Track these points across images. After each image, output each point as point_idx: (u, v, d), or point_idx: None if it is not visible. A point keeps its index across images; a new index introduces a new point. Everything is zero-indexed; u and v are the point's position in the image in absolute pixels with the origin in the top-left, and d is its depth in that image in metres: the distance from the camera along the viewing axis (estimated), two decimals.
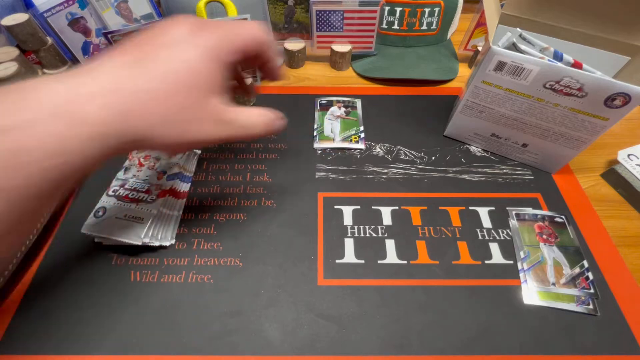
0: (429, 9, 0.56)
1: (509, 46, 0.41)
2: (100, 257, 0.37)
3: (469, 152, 0.47)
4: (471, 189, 0.43)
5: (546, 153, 0.43)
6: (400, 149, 0.47)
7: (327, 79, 0.58)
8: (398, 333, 0.32)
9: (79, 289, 0.35)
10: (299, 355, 0.31)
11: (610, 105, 0.35)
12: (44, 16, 0.46)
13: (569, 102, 0.36)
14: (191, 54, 0.22)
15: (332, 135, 0.48)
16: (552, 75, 0.35)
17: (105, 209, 0.37)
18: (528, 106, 0.39)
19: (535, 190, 0.43)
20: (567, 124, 0.38)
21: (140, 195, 0.38)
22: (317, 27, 0.55)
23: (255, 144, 0.48)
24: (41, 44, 0.50)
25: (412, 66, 0.56)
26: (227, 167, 0.45)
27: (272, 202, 0.41)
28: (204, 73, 0.22)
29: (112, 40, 0.43)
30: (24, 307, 0.33)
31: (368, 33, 0.55)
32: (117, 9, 0.52)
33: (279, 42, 0.58)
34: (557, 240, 0.38)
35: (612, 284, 0.35)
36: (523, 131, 0.42)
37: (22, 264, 0.35)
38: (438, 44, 0.61)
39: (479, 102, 0.42)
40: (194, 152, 0.45)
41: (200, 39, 0.22)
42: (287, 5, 0.53)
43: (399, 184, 0.43)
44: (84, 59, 0.53)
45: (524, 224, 0.39)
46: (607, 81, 0.33)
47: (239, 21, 0.26)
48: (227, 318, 0.33)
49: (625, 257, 0.37)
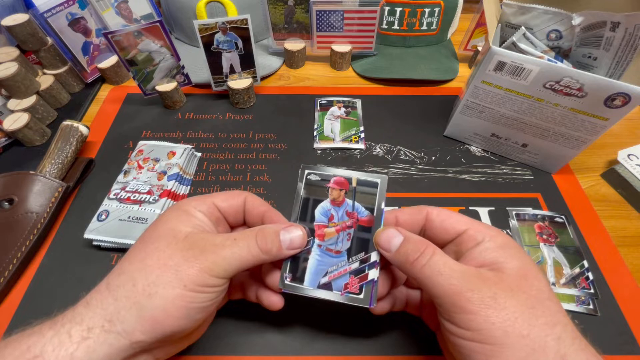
0: (429, 9, 0.56)
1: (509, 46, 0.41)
2: (100, 257, 0.37)
3: (469, 152, 0.47)
4: (471, 189, 0.43)
5: (546, 153, 0.43)
6: (400, 149, 0.47)
7: (327, 79, 0.58)
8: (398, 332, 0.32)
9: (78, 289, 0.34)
10: (299, 355, 0.31)
11: (610, 105, 0.35)
12: (44, 16, 0.46)
13: (568, 102, 0.36)
14: (156, 223, 0.25)
15: (332, 135, 0.48)
16: (552, 75, 0.35)
17: (108, 212, 0.37)
18: (528, 106, 0.39)
19: (535, 190, 0.43)
20: (567, 124, 0.38)
21: (142, 196, 0.38)
22: (317, 27, 0.55)
23: (255, 144, 0.48)
24: (41, 44, 0.50)
25: (412, 66, 0.56)
26: (227, 167, 0.45)
27: (272, 202, 0.41)
28: (165, 228, 0.24)
29: (112, 41, 0.43)
30: (24, 307, 0.33)
31: (368, 33, 0.55)
32: (117, 9, 0.52)
33: (279, 42, 0.58)
34: (557, 240, 0.38)
35: (612, 284, 0.35)
36: (523, 131, 0.42)
37: (22, 264, 0.35)
38: (438, 44, 0.61)
39: (479, 102, 0.42)
40: (194, 154, 0.45)
41: (166, 212, 0.25)
42: (287, 6, 0.53)
43: (399, 184, 0.43)
44: (84, 59, 0.53)
45: (524, 224, 0.39)
46: (607, 81, 0.33)
47: (221, 192, 0.27)
48: (227, 318, 0.33)
49: (625, 257, 0.37)
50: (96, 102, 0.54)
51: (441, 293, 0.21)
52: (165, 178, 0.40)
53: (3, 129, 0.44)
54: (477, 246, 0.23)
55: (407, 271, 0.23)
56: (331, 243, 0.26)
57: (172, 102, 0.52)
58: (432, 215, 0.26)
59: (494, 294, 0.20)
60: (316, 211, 0.27)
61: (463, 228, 0.24)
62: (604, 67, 0.41)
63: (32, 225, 0.36)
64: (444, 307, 0.21)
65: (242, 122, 0.51)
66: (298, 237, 0.25)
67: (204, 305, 0.23)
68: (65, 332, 0.20)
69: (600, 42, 0.40)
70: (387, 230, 0.25)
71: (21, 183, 0.38)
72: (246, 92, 0.51)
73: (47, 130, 0.48)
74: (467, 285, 0.21)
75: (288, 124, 0.50)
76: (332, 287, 0.25)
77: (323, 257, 0.25)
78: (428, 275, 0.22)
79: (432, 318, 0.28)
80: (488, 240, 0.23)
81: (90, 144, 0.47)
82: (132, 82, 0.56)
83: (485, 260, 0.23)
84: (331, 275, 0.25)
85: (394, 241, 0.24)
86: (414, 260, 0.23)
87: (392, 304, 0.28)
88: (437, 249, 0.23)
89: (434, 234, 0.26)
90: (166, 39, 0.46)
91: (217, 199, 0.26)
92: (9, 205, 0.37)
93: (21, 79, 0.46)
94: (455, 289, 0.21)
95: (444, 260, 0.22)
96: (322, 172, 0.27)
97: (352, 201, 0.27)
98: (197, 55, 0.54)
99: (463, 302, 0.20)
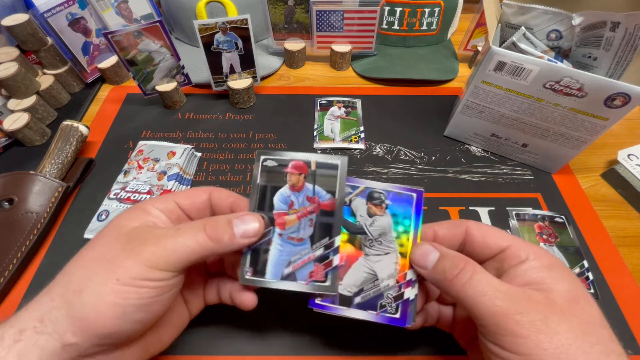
0: (429, 9, 0.56)
1: (509, 46, 0.41)
2: None
3: (469, 152, 0.47)
4: (471, 189, 0.43)
5: (546, 153, 0.43)
6: (400, 149, 0.47)
7: (327, 79, 0.58)
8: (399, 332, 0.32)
9: None
10: (299, 355, 0.31)
11: (610, 105, 0.35)
12: (44, 16, 0.46)
13: (568, 102, 0.36)
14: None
15: (332, 135, 0.48)
16: (552, 75, 0.35)
17: (108, 212, 0.37)
18: (528, 106, 0.39)
19: (535, 190, 0.43)
20: (567, 124, 0.38)
21: (142, 196, 0.38)
22: (317, 27, 0.55)
23: (255, 144, 0.48)
24: (41, 44, 0.50)
25: (412, 66, 0.56)
26: (227, 167, 0.45)
27: None
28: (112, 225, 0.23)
29: (112, 41, 0.43)
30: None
31: (368, 33, 0.55)
32: (117, 9, 0.52)
33: (279, 42, 0.58)
34: (557, 241, 0.38)
35: (612, 284, 0.35)
36: (523, 131, 0.42)
37: (22, 265, 0.35)
38: (438, 44, 0.61)
39: (479, 102, 0.42)
40: (194, 154, 0.45)
41: None
42: (287, 6, 0.53)
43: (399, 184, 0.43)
44: (84, 59, 0.53)
45: (524, 224, 0.39)
46: (607, 81, 0.33)
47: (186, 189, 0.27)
48: (228, 318, 0.33)
49: (625, 257, 0.37)
50: (96, 102, 0.54)
51: (485, 314, 0.20)
52: (165, 178, 0.40)
53: (3, 129, 0.44)
54: (522, 264, 0.22)
55: (445, 289, 0.22)
56: (293, 231, 0.24)
57: (172, 102, 0.52)
58: (472, 230, 0.25)
59: (544, 317, 0.19)
60: (275, 198, 0.25)
61: (505, 244, 0.23)
62: (604, 67, 0.41)
63: (32, 225, 0.36)
64: (488, 329, 0.20)
65: (242, 122, 0.51)
66: (254, 224, 0.23)
67: (143, 303, 0.20)
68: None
69: (600, 42, 0.40)
70: (422, 246, 0.24)
71: (21, 183, 0.38)
72: (246, 92, 0.51)
73: (47, 130, 0.48)
74: (515, 307, 0.20)
75: (288, 124, 0.50)
76: (297, 277, 0.24)
77: (285, 247, 0.24)
78: (470, 295, 0.21)
79: (464, 335, 0.27)
80: (533, 258, 0.22)
81: (90, 144, 0.47)
82: (132, 82, 0.56)
83: (531, 279, 0.21)
84: (295, 265, 0.24)
85: (430, 257, 0.23)
86: (453, 278, 0.22)
87: (424, 319, 0.28)
88: (477, 266, 0.22)
89: (474, 250, 0.25)
90: (166, 39, 0.46)
91: (180, 197, 0.25)
92: (9, 205, 0.37)
93: (21, 79, 0.46)
94: (501, 310, 0.20)
95: (487, 279, 0.21)
96: (278, 157, 0.25)
97: (312, 185, 0.25)
98: (197, 55, 0.54)
99: (511, 325, 0.19)
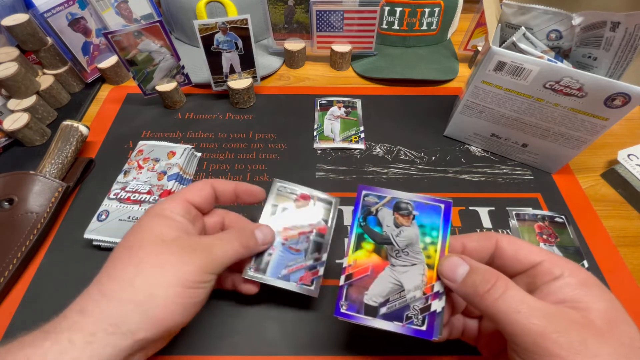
0: (429, 9, 0.56)
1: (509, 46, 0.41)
2: (100, 257, 0.37)
3: (469, 152, 0.47)
4: (471, 189, 0.43)
5: (546, 153, 0.43)
6: (400, 149, 0.47)
7: (327, 79, 0.58)
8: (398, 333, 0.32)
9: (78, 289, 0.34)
10: (299, 355, 0.31)
11: (610, 105, 0.35)
12: (44, 16, 0.46)
13: (568, 102, 0.36)
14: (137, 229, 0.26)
15: (332, 135, 0.48)
16: (552, 75, 0.35)
17: (108, 212, 0.37)
18: (528, 106, 0.39)
19: (535, 190, 0.43)
20: (567, 124, 0.38)
21: (142, 196, 0.38)
22: (317, 27, 0.55)
23: (255, 144, 0.48)
24: (41, 44, 0.50)
25: (412, 66, 0.56)
26: (227, 167, 0.45)
27: None
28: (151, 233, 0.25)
29: (112, 41, 0.43)
30: (24, 307, 0.33)
31: (368, 33, 0.55)
32: (117, 9, 0.52)
33: (279, 42, 0.58)
34: (557, 241, 0.38)
35: (612, 284, 0.35)
36: (523, 131, 0.42)
37: (22, 265, 0.35)
38: (438, 44, 0.61)
39: (479, 102, 0.42)
40: (194, 154, 0.45)
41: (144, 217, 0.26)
42: (287, 6, 0.53)
43: (399, 184, 0.43)
44: (84, 59, 0.53)
45: (524, 224, 0.39)
46: (607, 81, 0.33)
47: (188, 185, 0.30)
48: (228, 318, 0.33)
49: (625, 257, 0.37)
50: (96, 102, 0.54)
51: (519, 332, 0.19)
52: (165, 178, 0.40)
53: (3, 129, 0.44)
54: (556, 281, 0.21)
55: (475, 304, 0.22)
56: (293, 243, 0.31)
57: (172, 102, 0.52)
58: (502, 244, 0.24)
59: (583, 338, 0.19)
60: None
61: (538, 260, 0.23)
62: (604, 67, 0.41)
63: (32, 225, 0.36)
64: (522, 347, 0.20)
65: (242, 122, 0.51)
66: (269, 234, 0.30)
67: (197, 301, 0.25)
68: (65, 339, 0.20)
69: (600, 42, 0.40)
70: (450, 258, 0.24)
71: (21, 183, 0.38)
72: (246, 92, 0.51)
73: (47, 130, 0.48)
74: (552, 326, 0.19)
75: (288, 124, 0.50)
76: (290, 278, 0.29)
77: (285, 254, 0.30)
78: (503, 312, 0.20)
79: (489, 349, 0.27)
80: (568, 275, 0.21)
81: (90, 144, 0.47)
82: (132, 82, 0.56)
83: (566, 297, 0.21)
84: (290, 268, 0.30)
85: (460, 271, 0.23)
86: (485, 293, 0.21)
87: (449, 332, 0.27)
88: (510, 282, 0.21)
89: (504, 264, 0.24)
90: (166, 39, 0.46)
91: (190, 195, 0.28)
92: (9, 205, 0.37)
93: (21, 79, 0.46)
94: (537, 329, 0.19)
95: (521, 296, 0.20)
96: (289, 185, 0.34)
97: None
98: (197, 55, 0.54)
99: (549, 345, 0.19)
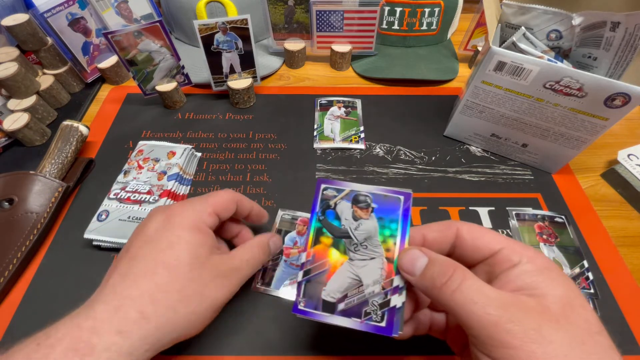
0: (429, 9, 0.56)
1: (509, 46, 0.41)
2: (100, 257, 0.37)
3: (469, 152, 0.47)
4: (471, 189, 0.43)
5: (546, 153, 0.43)
6: (400, 149, 0.47)
7: (327, 79, 0.58)
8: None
9: (78, 289, 0.35)
10: (299, 355, 0.31)
11: (610, 105, 0.35)
12: (44, 16, 0.46)
13: (568, 102, 0.36)
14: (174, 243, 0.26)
15: (332, 135, 0.48)
16: (552, 75, 0.35)
17: (108, 212, 0.37)
18: (528, 106, 0.39)
19: (535, 190, 0.43)
20: (567, 124, 0.38)
21: (142, 196, 0.38)
22: (317, 27, 0.55)
23: (255, 144, 0.48)
24: (41, 44, 0.50)
25: (412, 66, 0.56)
26: (227, 167, 0.45)
27: (272, 202, 0.41)
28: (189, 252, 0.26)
29: (112, 41, 0.43)
30: (24, 307, 0.33)
31: (368, 33, 0.55)
32: (117, 9, 0.52)
33: (279, 42, 0.58)
34: (557, 241, 0.38)
35: (612, 284, 0.35)
36: (523, 131, 0.42)
37: (22, 265, 0.35)
38: (438, 44, 0.61)
39: (479, 102, 0.42)
40: (194, 154, 0.45)
41: (175, 227, 0.26)
42: (287, 6, 0.53)
43: (399, 184, 0.43)
44: (84, 59, 0.53)
45: (524, 224, 0.39)
46: (607, 81, 0.33)
47: (208, 194, 0.30)
48: (228, 318, 0.33)
49: (625, 257, 0.37)
50: (96, 102, 0.54)
51: (476, 324, 0.19)
52: (165, 178, 0.40)
53: (3, 129, 0.44)
54: (514, 268, 0.21)
55: (434, 297, 0.21)
56: (294, 259, 0.36)
57: (172, 102, 0.52)
58: (462, 232, 0.24)
59: (538, 325, 0.18)
60: (286, 238, 0.38)
61: (497, 247, 0.22)
62: (604, 67, 0.41)
63: (32, 225, 0.36)
64: (479, 339, 0.19)
65: (242, 122, 0.51)
66: (278, 240, 0.33)
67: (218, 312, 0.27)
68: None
69: (600, 42, 0.40)
70: (409, 251, 0.23)
71: (21, 183, 0.38)
72: (246, 92, 0.51)
73: (47, 130, 0.48)
74: (507, 315, 0.19)
75: (288, 124, 0.50)
76: (290, 289, 0.34)
77: (287, 269, 0.36)
78: (460, 303, 0.20)
79: (456, 343, 0.26)
80: (526, 262, 0.21)
81: (90, 144, 0.47)
82: (132, 82, 0.56)
83: (524, 284, 0.20)
84: (292, 280, 0.35)
85: (418, 263, 0.22)
86: (442, 285, 0.21)
87: (415, 328, 0.26)
88: (468, 273, 0.21)
89: (465, 253, 0.24)
90: (166, 39, 0.46)
91: (218, 208, 0.29)
92: (9, 205, 0.37)
93: (21, 79, 0.46)
94: (492, 319, 0.19)
95: (478, 286, 0.20)
96: (292, 212, 0.40)
97: None
98: (197, 55, 0.54)
99: (503, 335, 0.18)
